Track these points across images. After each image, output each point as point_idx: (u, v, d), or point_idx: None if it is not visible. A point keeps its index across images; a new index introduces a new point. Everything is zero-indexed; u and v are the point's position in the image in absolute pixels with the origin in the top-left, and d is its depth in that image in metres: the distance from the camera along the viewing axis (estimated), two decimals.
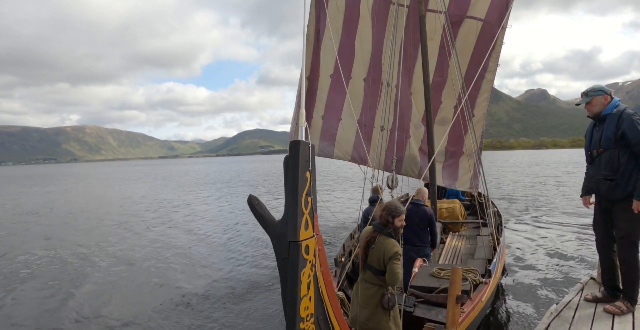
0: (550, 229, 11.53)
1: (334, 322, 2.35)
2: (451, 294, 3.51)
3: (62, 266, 9.31)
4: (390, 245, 3.41)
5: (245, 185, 32.49)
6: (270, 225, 2.14)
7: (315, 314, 2.15)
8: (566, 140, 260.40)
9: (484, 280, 4.79)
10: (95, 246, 11.28)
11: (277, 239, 2.10)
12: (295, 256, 2.02)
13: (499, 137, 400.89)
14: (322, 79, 7.57)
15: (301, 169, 2.01)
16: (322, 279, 2.23)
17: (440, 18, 7.35)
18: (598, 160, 3.96)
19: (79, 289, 7.64)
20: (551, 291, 6.64)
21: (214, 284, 7.63)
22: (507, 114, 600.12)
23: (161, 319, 6.07)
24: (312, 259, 2.11)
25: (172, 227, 13.99)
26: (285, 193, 2.05)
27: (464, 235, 8.08)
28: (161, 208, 19.53)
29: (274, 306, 6.37)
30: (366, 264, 3.49)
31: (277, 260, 2.12)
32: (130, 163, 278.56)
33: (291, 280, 2.03)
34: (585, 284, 4.69)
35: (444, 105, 8.27)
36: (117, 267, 9.01)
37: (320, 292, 2.23)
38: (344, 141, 7.95)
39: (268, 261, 9.02)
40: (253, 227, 13.04)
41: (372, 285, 3.45)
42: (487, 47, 7.37)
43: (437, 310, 4.00)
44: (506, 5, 7.63)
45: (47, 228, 14.83)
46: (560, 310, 4.01)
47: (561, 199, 18.17)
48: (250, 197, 2.21)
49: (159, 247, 10.90)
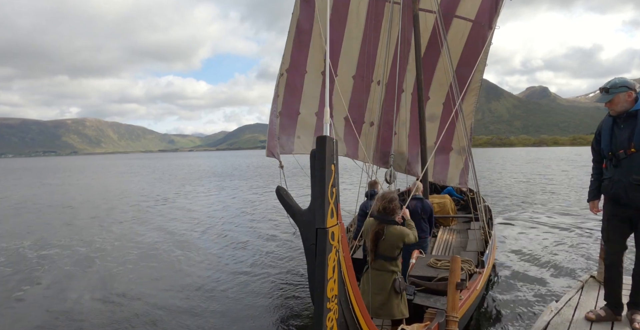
0: (544, 226, 11.65)
1: (354, 303, 2.52)
2: (451, 282, 3.71)
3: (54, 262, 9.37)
4: (399, 231, 3.77)
5: (242, 179, 32.60)
6: (297, 213, 2.31)
7: (338, 295, 2.31)
8: (566, 138, 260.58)
9: (478, 270, 5.04)
10: (82, 240, 11.37)
11: (304, 227, 2.27)
12: (323, 242, 2.18)
13: (499, 134, 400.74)
14: (312, 75, 7.63)
15: (327, 162, 2.14)
16: (344, 263, 2.38)
17: (430, 17, 7.48)
18: (627, 162, 3.42)
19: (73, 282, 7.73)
20: (540, 283, 6.80)
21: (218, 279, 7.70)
22: (508, 111, 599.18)
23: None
24: (337, 244, 2.27)
25: (172, 220, 14.10)
26: (312, 184, 2.19)
27: (454, 229, 8.26)
28: (159, 202, 19.64)
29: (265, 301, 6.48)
30: (376, 254, 3.77)
31: (304, 246, 2.30)
32: (130, 156, 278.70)
33: (319, 264, 2.20)
34: (585, 282, 4.68)
35: (432, 101, 8.41)
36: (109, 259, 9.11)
37: (343, 275, 2.38)
38: (337, 137, 8.04)
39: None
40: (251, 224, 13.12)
41: (384, 272, 3.76)
42: (476, 46, 7.59)
43: (435, 298, 4.24)
44: (496, 7, 7.80)
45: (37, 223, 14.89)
46: (560, 308, 4.01)
47: (559, 196, 18.28)
48: (278, 188, 2.40)
49: (170, 244, 10.99)
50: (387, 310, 3.75)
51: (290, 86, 7.53)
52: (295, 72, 7.52)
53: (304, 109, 7.80)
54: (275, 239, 10.56)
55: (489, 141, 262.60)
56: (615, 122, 3.56)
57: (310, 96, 7.77)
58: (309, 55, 7.50)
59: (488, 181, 25.76)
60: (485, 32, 7.82)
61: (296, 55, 7.42)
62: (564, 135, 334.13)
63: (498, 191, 20.31)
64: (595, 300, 4.19)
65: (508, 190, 20.58)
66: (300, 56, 7.47)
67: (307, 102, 7.79)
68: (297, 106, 7.68)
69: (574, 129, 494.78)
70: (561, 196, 18.09)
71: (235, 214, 15.14)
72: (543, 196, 18.23)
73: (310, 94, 7.75)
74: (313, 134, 7.92)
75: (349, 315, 2.50)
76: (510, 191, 20.30)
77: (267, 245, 9.98)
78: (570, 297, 4.29)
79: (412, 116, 8.04)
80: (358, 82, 7.89)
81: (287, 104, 7.54)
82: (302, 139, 7.79)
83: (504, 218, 12.87)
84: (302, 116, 7.81)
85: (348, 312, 2.49)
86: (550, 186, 22.42)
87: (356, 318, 2.54)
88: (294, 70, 7.50)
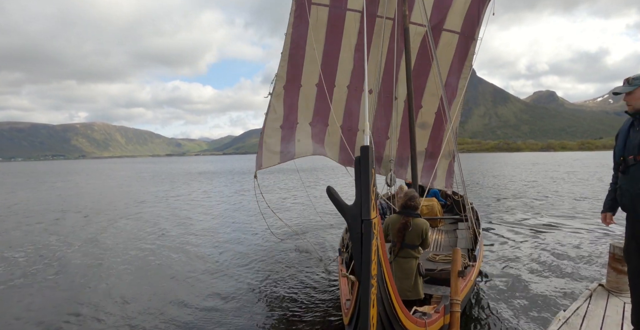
0: (545, 231, 11.87)
1: (387, 281, 3.03)
2: (453, 270, 4.30)
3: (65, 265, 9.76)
4: (422, 222, 4.50)
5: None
6: (346, 208, 2.80)
7: (377, 274, 2.81)
8: (574, 143, 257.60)
9: (471, 263, 5.61)
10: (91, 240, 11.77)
11: (352, 219, 2.75)
12: (368, 231, 2.69)
13: (507, 139, 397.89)
14: (307, 88, 8.12)
15: (370, 167, 2.65)
16: (381, 249, 2.87)
17: (420, 30, 8.00)
18: (634, 169, 3.04)
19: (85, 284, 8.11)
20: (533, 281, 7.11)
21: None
22: (515, 115, 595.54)
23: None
24: (377, 233, 2.76)
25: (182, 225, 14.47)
26: (356, 184, 2.70)
27: (442, 230, 8.77)
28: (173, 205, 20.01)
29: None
30: (403, 244, 4.43)
31: (351, 235, 2.80)
32: (137, 160, 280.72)
33: (365, 249, 2.71)
34: (594, 290, 4.59)
35: (424, 110, 8.83)
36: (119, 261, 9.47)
37: (380, 258, 2.87)
38: (332, 144, 8.58)
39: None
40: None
41: (410, 258, 4.47)
42: (463, 57, 8.20)
43: (436, 287, 5.09)
44: (477, 20, 8.32)
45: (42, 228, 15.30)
46: (569, 318, 3.94)
47: (566, 200, 18.43)
48: (328, 188, 2.91)
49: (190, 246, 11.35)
50: (415, 291, 4.47)
51: (287, 102, 8.03)
52: (292, 87, 7.98)
53: (301, 119, 8.25)
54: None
55: (496, 146, 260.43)
56: (632, 124, 3.18)
57: (306, 108, 8.24)
58: (303, 70, 7.95)
59: (500, 186, 25.88)
60: (469, 43, 8.34)
61: (292, 71, 7.88)
62: (572, 140, 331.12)
63: (506, 196, 20.50)
64: (603, 309, 4.10)
65: (520, 193, 20.78)
66: (296, 71, 7.93)
67: (303, 113, 8.25)
68: (295, 118, 8.17)
69: (581, 133, 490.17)
70: (566, 200, 18.27)
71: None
72: (548, 200, 18.41)
73: (305, 106, 8.22)
74: (311, 137, 8.34)
75: (384, 291, 3.01)
76: (522, 194, 20.50)
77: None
78: (578, 305, 4.20)
79: (402, 123, 8.48)
80: (351, 91, 8.35)
81: (287, 117, 8.06)
82: (302, 142, 8.22)
83: (506, 222, 13.11)
84: (300, 125, 8.27)
85: (383, 288, 3.00)
86: (557, 190, 22.61)
87: (389, 293, 3.07)
88: (291, 85, 7.96)
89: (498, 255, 8.95)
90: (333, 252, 9.43)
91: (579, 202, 17.67)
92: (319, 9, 7.65)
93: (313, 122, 8.30)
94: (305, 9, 7.32)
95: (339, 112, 8.38)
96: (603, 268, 7.60)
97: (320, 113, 8.29)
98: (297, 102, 8.12)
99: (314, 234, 11.93)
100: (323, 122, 8.36)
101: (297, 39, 7.69)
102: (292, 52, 7.75)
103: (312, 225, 13.34)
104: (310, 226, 13.16)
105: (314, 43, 7.56)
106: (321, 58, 7.88)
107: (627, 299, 4.28)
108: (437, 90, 8.21)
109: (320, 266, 8.47)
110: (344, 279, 4.67)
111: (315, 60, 7.71)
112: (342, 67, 8.18)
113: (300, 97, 8.12)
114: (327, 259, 9.03)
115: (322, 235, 11.71)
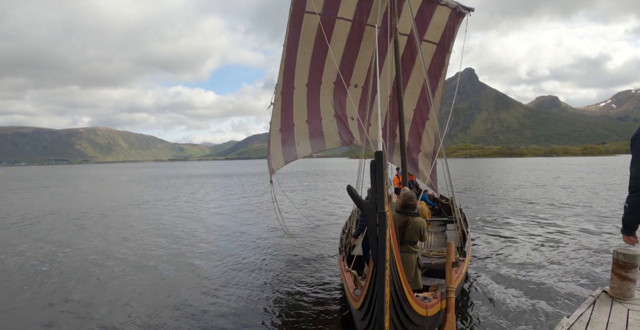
0: (542, 235, 11.83)
1: (397, 264, 3.50)
2: (448, 261, 5.03)
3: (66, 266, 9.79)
4: (420, 221, 4.95)
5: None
6: (363, 203, 3.36)
7: (389, 258, 3.30)
8: (577, 148, 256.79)
9: (461, 258, 6.14)
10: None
11: (369, 212, 3.29)
12: (384, 222, 3.22)
13: (509, 144, 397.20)
14: (298, 90, 8.94)
15: (383, 169, 3.19)
16: (392, 237, 3.33)
17: (403, 38, 9.23)
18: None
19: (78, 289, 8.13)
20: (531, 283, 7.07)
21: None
22: (518, 120, 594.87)
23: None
24: (389, 224, 3.28)
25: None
26: (372, 183, 3.24)
27: (431, 231, 9.19)
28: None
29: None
30: (404, 240, 4.85)
31: (368, 226, 3.35)
32: (140, 165, 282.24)
33: (381, 238, 3.24)
34: (597, 297, 4.57)
35: (405, 106, 9.73)
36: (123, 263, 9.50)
37: (392, 245, 3.34)
38: (330, 133, 9.63)
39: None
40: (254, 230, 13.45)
41: (410, 252, 4.91)
42: (440, 64, 9.74)
43: (432, 279, 5.81)
44: (452, 34, 9.61)
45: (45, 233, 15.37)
46: (572, 324, 3.91)
47: (569, 203, 18.35)
48: (349, 186, 3.50)
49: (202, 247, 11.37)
50: (415, 282, 4.91)
51: (284, 105, 8.92)
52: (287, 90, 8.83)
53: (297, 119, 9.07)
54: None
55: (498, 151, 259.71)
56: None
57: (299, 107, 9.11)
58: (295, 74, 8.77)
59: (497, 187, 25.79)
60: (444, 53, 9.73)
61: (286, 75, 8.71)
62: (575, 145, 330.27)
63: (507, 199, 20.44)
64: (607, 316, 4.07)
65: (524, 196, 20.71)
66: (289, 75, 8.72)
67: (298, 113, 9.10)
68: (291, 120, 8.98)
69: (584, 138, 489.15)
70: (568, 204, 18.19)
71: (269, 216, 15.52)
72: (550, 203, 18.34)
73: (299, 105, 9.09)
74: (308, 138, 9.39)
75: (395, 274, 3.47)
76: (526, 197, 20.44)
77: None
78: (581, 312, 4.16)
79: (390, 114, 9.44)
80: (338, 86, 9.43)
81: (284, 119, 8.97)
82: (301, 145, 9.31)
83: (506, 224, 13.08)
84: (297, 126, 9.06)
85: (394, 270, 3.45)
86: (565, 193, 22.52)
87: (399, 277, 3.52)
88: (286, 89, 8.79)
89: (499, 258, 8.92)
90: (333, 252, 9.74)
91: (584, 208, 17.58)
92: (310, 16, 8.48)
93: (309, 119, 9.24)
94: (299, 17, 8.21)
95: (329, 105, 9.40)
96: (606, 273, 7.55)
97: (313, 109, 9.27)
98: (292, 104, 9.00)
99: (314, 234, 12.21)
100: (317, 116, 9.39)
101: (291, 48, 8.53)
102: (288, 61, 8.64)
103: (313, 225, 13.54)
104: (312, 226, 13.37)
105: (304, 46, 8.46)
106: (311, 60, 8.80)
107: (631, 305, 4.28)
108: (417, 90, 9.68)
109: (324, 264, 8.87)
110: (347, 273, 5.11)
111: (305, 63, 8.67)
112: (329, 67, 9.08)
113: (294, 99, 8.98)
114: (327, 258, 9.36)
115: (322, 236, 11.91)
